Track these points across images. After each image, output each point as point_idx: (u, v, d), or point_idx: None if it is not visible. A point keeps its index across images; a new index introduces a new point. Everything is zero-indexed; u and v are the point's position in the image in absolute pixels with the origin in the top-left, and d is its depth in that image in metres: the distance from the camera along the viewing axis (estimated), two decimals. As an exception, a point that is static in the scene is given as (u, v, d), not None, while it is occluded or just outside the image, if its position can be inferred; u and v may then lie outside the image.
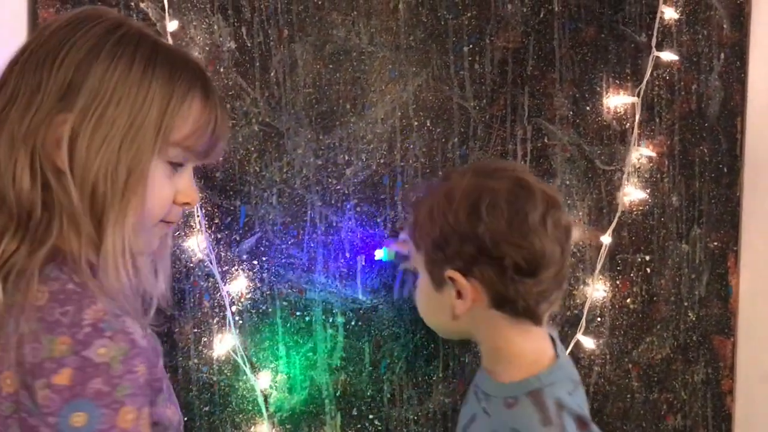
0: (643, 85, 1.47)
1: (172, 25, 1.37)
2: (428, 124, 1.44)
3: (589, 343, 1.48)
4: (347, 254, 1.44)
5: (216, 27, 1.40)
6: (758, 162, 1.52)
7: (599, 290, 1.49)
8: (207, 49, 1.39)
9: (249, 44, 1.40)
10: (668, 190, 1.51)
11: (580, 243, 1.48)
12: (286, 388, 1.43)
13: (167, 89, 0.83)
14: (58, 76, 0.80)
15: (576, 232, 1.39)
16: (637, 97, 1.47)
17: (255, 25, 1.40)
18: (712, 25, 1.49)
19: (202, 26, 1.39)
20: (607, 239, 1.48)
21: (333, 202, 1.43)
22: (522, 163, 1.46)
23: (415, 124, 1.44)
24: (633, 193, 1.49)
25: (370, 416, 1.46)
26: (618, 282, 1.51)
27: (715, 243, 1.52)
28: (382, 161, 1.44)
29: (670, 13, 1.47)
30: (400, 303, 1.45)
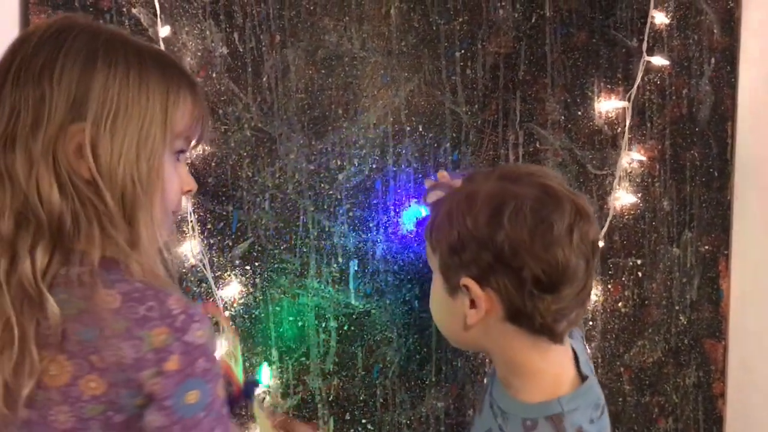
0: (633, 90, 1.47)
1: (164, 31, 1.37)
2: (420, 129, 1.45)
3: (584, 344, 1.49)
4: (340, 259, 1.44)
5: (208, 32, 1.40)
6: (748, 166, 1.53)
7: (591, 294, 1.49)
8: (199, 54, 1.39)
9: (241, 50, 1.41)
10: (659, 195, 1.51)
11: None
12: (279, 393, 1.43)
13: (163, 86, 0.87)
14: (61, 88, 0.82)
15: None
16: (628, 101, 1.47)
17: (247, 31, 1.41)
18: (703, 30, 1.50)
19: (194, 32, 1.39)
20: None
21: (325, 207, 1.43)
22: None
23: (407, 129, 1.44)
24: (624, 198, 1.50)
25: (363, 421, 1.46)
26: (610, 286, 1.51)
27: (706, 247, 1.53)
28: (374, 166, 1.44)
29: (660, 18, 1.48)
30: (393, 308, 1.45)
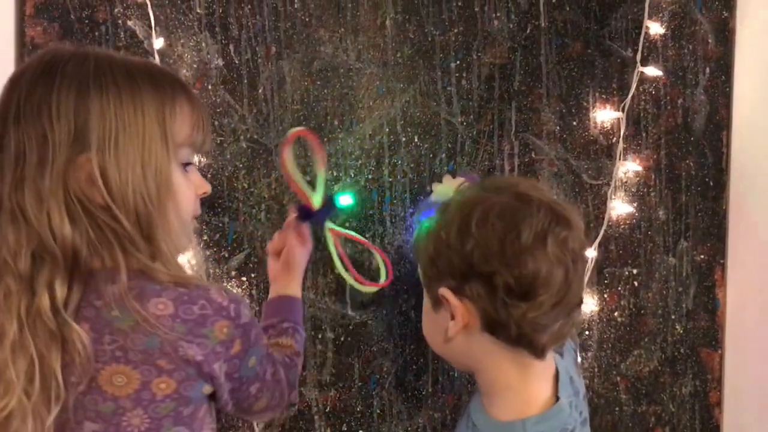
0: (628, 100, 1.48)
1: (159, 43, 1.37)
2: (416, 140, 1.45)
3: (577, 357, 1.49)
4: (336, 270, 1.44)
5: (203, 44, 1.40)
6: (744, 175, 1.54)
7: (587, 304, 1.50)
8: (195, 66, 1.40)
9: (237, 61, 1.41)
10: (655, 204, 1.51)
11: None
12: (276, 405, 1.43)
13: (157, 100, 0.89)
14: (61, 123, 0.84)
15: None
16: (623, 111, 1.48)
17: (242, 43, 1.41)
18: (697, 40, 1.51)
19: (189, 44, 1.40)
20: (593, 253, 1.49)
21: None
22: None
23: (403, 139, 1.45)
24: (620, 207, 1.50)
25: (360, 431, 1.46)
26: (605, 295, 1.51)
27: (702, 256, 1.53)
28: (370, 177, 1.44)
29: (655, 28, 1.48)
30: (390, 318, 1.45)
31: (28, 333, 0.84)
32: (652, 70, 1.48)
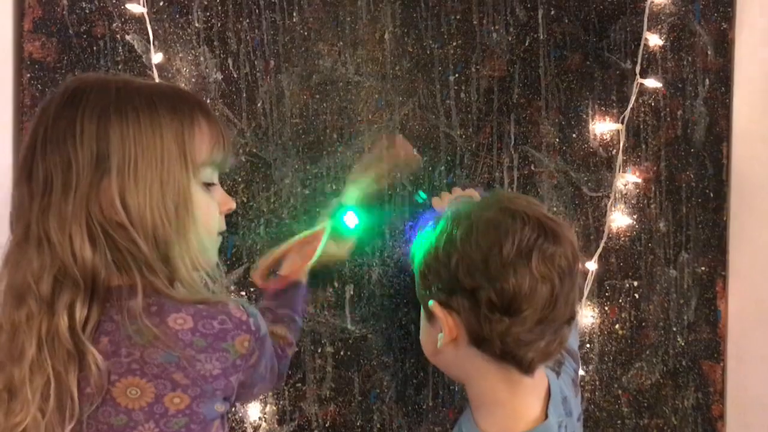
0: (627, 112, 1.47)
1: (157, 58, 1.37)
2: (415, 153, 1.44)
3: (578, 378, 1.48)
4: (335, 284, 1.43)
5: (202, 58, 1.40)
6: (744, 186, 1.53)
7: (587, 316, 1.49)
8: (193, 80, 1.40)
9: (235, 75, 1.41)
10: (655, 216, 1.51)
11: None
12: (276, 420, 1.42)
13: (176, 122, 0.91)
14: (84, 150, 0.87)
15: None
16: (622, 123, 1.47)
17: (241, 56, 1.41)
18: (696, 52, 1.50)
19: (188, 58, 1.40)
20: (593, 265, 1.48)
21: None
22: (510, 190, 1.45)
23: (402, 153, 1.44)
24: (620, 219, 1.49)
25: (360, 446, 1.45)
26: (606, 308, 1.51)
27: (703, 268, 1.53)
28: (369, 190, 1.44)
29: (654, 40, 1.48)
30: (390, 332, 1.45)
31: (47, 353, 0.86)
32: (652, 82, 1.48)
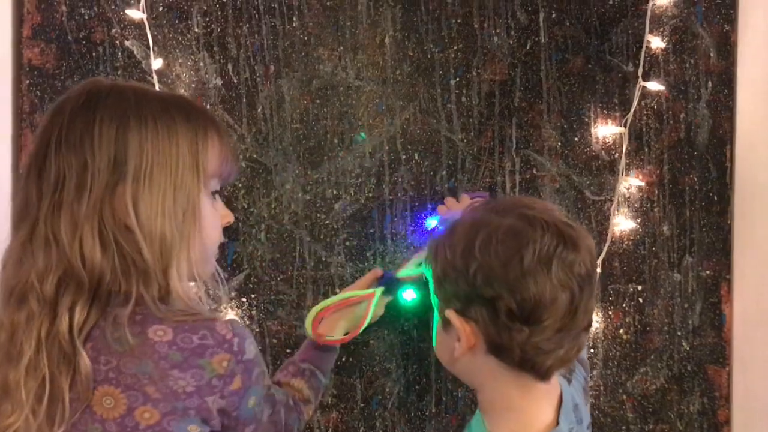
0: (630, 115, 1.46)
1: (157, 63, 1.37)
2: (416, 158, 1.44)
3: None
4: (337, 289, 1.42)
5: (202, 64, 1.39)
6: (748, 189, 1.52)
7: (586, 329, 1.47)
8: (193, 86, 1.39)
9: (235, 80, 1.40)
10: (659, 220, 1.50)
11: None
12: (277, 427, 1.41)
13: (191, 132, 0.91)
14: (101, 154, 0.87)
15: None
16: (625, 126, 1.46)
17: (241, 62, 1.40)
18: (699, 54, 1.49)
19: (187, 63, 1.39)
20: (596, 270, 1.47)
21: (322, 237, 1.42)
22: (514, 194, 1.44)
23: (403, 157, 1.44)
24: (623, 223, 1.48)
25: (363, 453, 1.44)
26: (610, 312, 1.49)
27: (708, 272, 1.51)
28: (370, 195, 1.43)
29: (656, 43, 1.47)
30: (392, 338, 1.44)
31: (45, 354, 0.85)
32: (654, 85, 1.47)
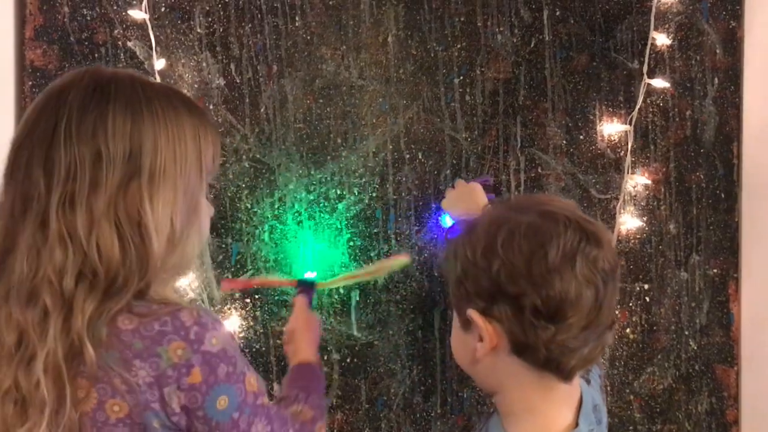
0: (635, 113, 1.45)
1: (159, 64, 1.37)
2: (420, 157, 1.43)
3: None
4: (341, 290, 1.42)
5: (204, 64, 1.39)
6: (756, 187, 1.50)
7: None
8: (196, 86, 1.39)
9: (238, 81, 1.40)
10: (665, 218, 1.49)
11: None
12: (282, 428, 1.41)
13: (194, 129, 0.90)
14: (117, 146, 0.84)
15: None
16: (630, 124, 1.45)
17: (244, 62, 1.40)
18: (705, 51, 1.48)
19: (190, 64, 1.39)
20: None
21: (326, 237, 1.41)
22: (517, 193, 1.43)
23: (407, 156, 1.43)
24: (629, 222, 1.47)
25: (368, 455, 1.43)
26: (617, 312, 1.48)
27: (715, 270, 1.50)
28: (374, 195, 1.42)
29: (661, 40, 1.46)
30: (396, 338, 1.43)
31: (60, 351, 0.82)
32: (660, 82, 1.46)
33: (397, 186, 1.43)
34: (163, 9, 1.38)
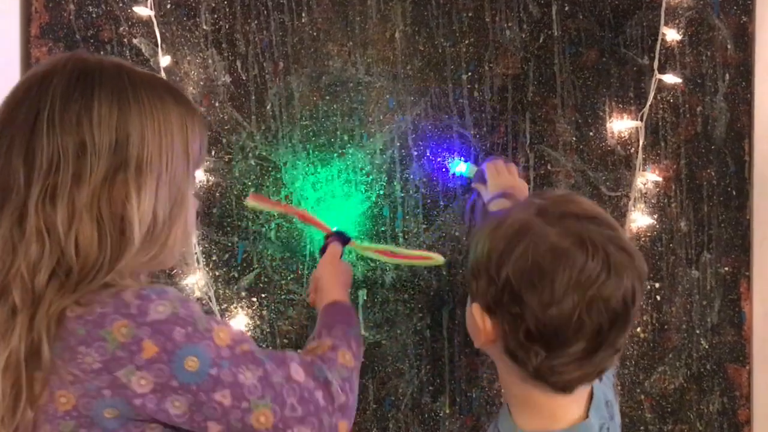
0: (646, 109, 1.44)
1: (165, 61, 1.36)
2: (428, 154, 1.42)
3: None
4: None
5: (210, 61, 1.38)
6: (768, 184, 1.49)
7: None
8: (201, 83, 1.38)
9: (244, 78, 1.39)
10: (676, 215, 1.47)
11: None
12: (289, 428, 1.39)
13: (180, 119, 0.87)
14: (102, 137, 0.81)
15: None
16: (641, 120, 1.44)
17: (250, 59, 1.39)
18: (716, 46, 1.46)
19: (196, 61, 1.38)
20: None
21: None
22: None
23: (415, 153, 1.41)
24: (640, 219, 1.45)
25: (376, 455, 1.42)
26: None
27: (726, 268, 1.48)
28: (381, 192, 1.41)
29: (672, 35, 1.44)
30: (404, 338, 1.41)
31: (23, 352, 0.78)
32: (670, 78, 1.44)
33: (405, 184, 1.41)
34: (168, 6, 1.37)
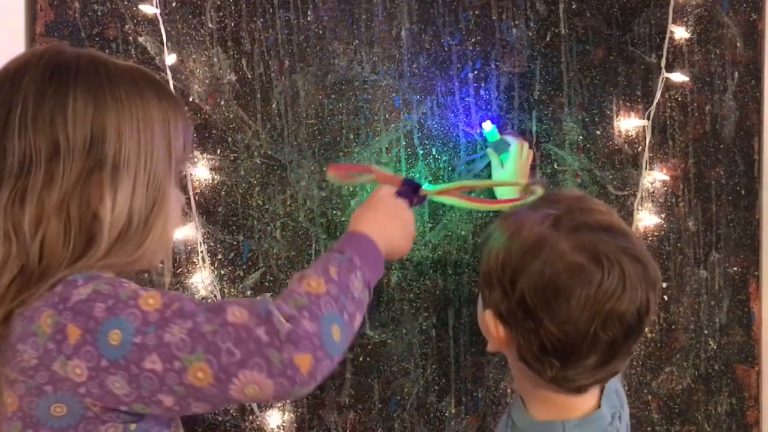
0: (653, 108, 1.43)
1: (170, 59, 1.35)
2: (434, 153, 1.41)
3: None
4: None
5: (216, 59, 1.38)
6: (777, 183, 1.48)
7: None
8: (207, 82, 1.37)
9: (249, 76, 1.38)
10: (684, 215, 1.46)
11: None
12: (294, 428, 1.39)
13: (162, 114, 0.84)
14: (76, 135, 0.78)
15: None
16: (648, 119, 1.43)
17: (255, 57, 1.38)
18: (725, 44, 1.45)
19: (201, 59, 1.37)
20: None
21: (338, 234, 1.39)
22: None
23: (421, 152, 1.41)
24: (647, 218, 1.44)
25: (381, 455, 1.41)
26: (635, 310, 1.46)
27: (735, 268, 1.47)
28: (387, 191, 1.40)
29: (680, 33, 1.43)
30: (410, 337, 1.41)
31: None
32: (678, 76, 1.43)
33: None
34: (174, 4, 1.36)
